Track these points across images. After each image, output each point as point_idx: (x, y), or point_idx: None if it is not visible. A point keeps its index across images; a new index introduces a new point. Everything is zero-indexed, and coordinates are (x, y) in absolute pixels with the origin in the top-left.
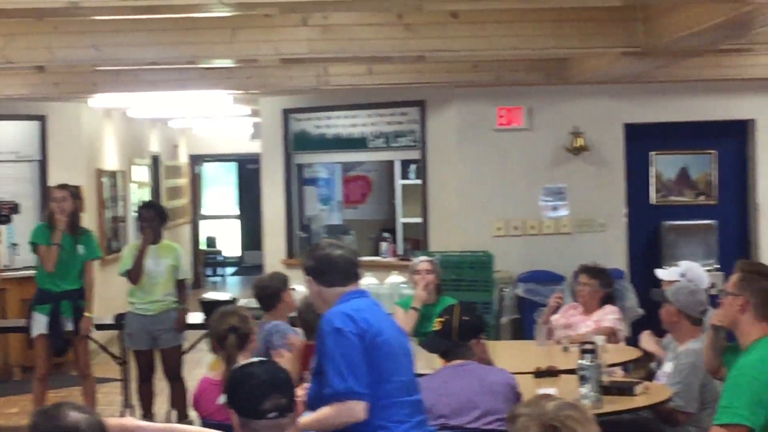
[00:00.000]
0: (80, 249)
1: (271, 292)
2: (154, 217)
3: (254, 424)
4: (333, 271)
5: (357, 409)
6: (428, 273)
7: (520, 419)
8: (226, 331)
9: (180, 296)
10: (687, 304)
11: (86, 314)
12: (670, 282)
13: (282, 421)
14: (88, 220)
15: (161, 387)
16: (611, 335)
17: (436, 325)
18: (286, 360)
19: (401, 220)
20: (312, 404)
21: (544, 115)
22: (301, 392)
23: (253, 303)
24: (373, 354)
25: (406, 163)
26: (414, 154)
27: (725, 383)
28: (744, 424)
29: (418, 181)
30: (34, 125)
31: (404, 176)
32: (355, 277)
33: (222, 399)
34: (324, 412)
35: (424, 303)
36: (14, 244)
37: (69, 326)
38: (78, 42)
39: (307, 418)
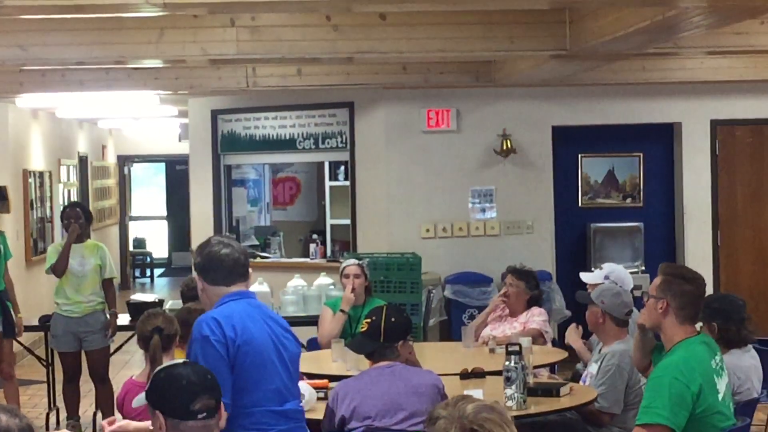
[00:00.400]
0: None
1: (197, 294)
2: (79, 216)
3: (183, 426)
4: (218, 269)
5: None
6: (356, 277)
7: (439, 422)
8: (151, 332)
9: (107, 296)
10: (612, 306)
11: (18, 315)
12: (595, 285)
13: (210, 422)
14: (14, 220)
15: (87, 389)
16: (538, 337)
17: (363, 326)
18: None
19: (330, 221)
20: None
21: (473, 117)
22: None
23: (180, 304)
24: (239, 361)
25: (335, 165)
26: (343, 156)
27: (647, 384)
28: (664, 424)
29: (347, 183)
30: None
31: (333, 178)
32: (241, 278)
33: (140, 401)
34: None
35: (353, 305)
36: None
37: None
38: (3, 41)
39: None
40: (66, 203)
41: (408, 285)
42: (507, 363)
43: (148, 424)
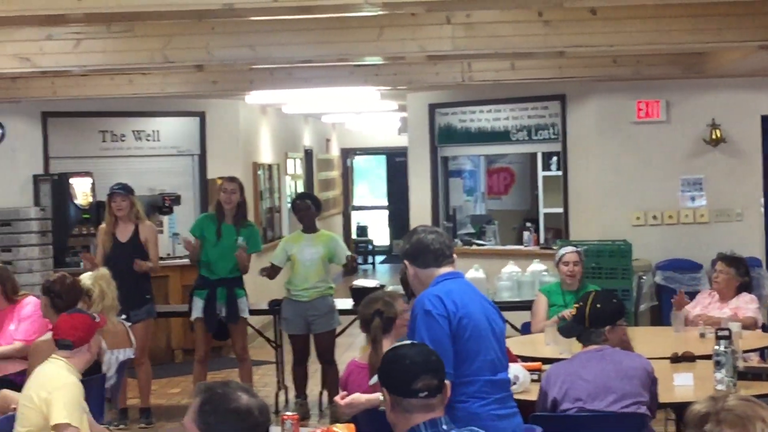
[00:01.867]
0: (240, 241)
1: None
2: (308, 207)
3: (405, 403)
4: (426, 253)
5: None
6: (575, 264)
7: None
8: (372, 315)
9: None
10: None
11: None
12: None
13: (431, 401)
14: None
15: (313, 369)
16: (752, 326)
17: (572, 311)
18: None
19: (543, 210)
20: None
21: (682, 107)
22: None
23: (400, 289)
24: (459, 334)
25: (547, 155)
26: (555, 147)
27: None
28: None
29: (559, 173)
30: (193, 121)
31: (546, 168)
32: (448, 259)
33: (373, 380)
34: None
35: (569, 290)
36: (176, 234)
37: (222, 312)
38: (234, 42)
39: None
40: (294, 194)
41: (619, 271)
42: (716, 347)
43: (377, 395)
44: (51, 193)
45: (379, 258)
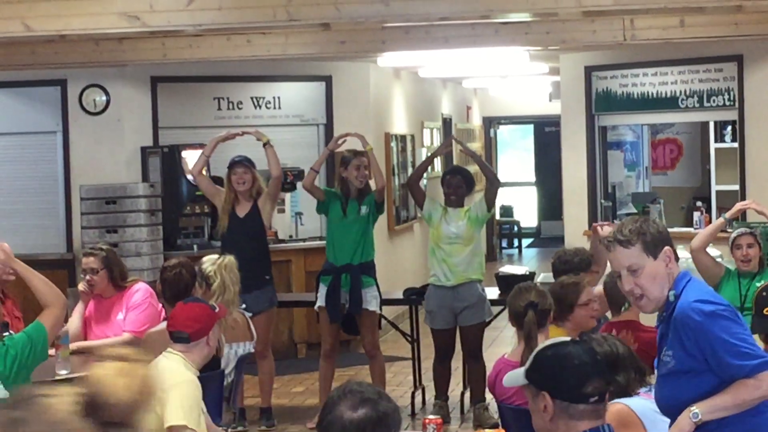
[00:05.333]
0: (363, 210)
1: (572, 269)
2: (460, 184)
3: (573, 409)
4: (669, 242)
5: None
6: (749, 247)
7: None
8: (525, 307)
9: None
10: None
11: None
12: None
13: (600, 407)
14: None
15: (454, 366)
16: None
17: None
18: None
19: (715, 187)
20: (668, 408)
21: None
22: None
23: (552, 278)
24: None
25: (721, 125)
26: (730, 115)
27: None
28: None
29: (735, 145)
30: (319, 86)
31: (719, 139)
32: None
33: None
34: (736, 393)
35: (745, 273)
36: (299, 213)
37: (346, 301)
38: None
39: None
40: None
41: None
42: None
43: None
44: (161, 168)
45: (526, 241)
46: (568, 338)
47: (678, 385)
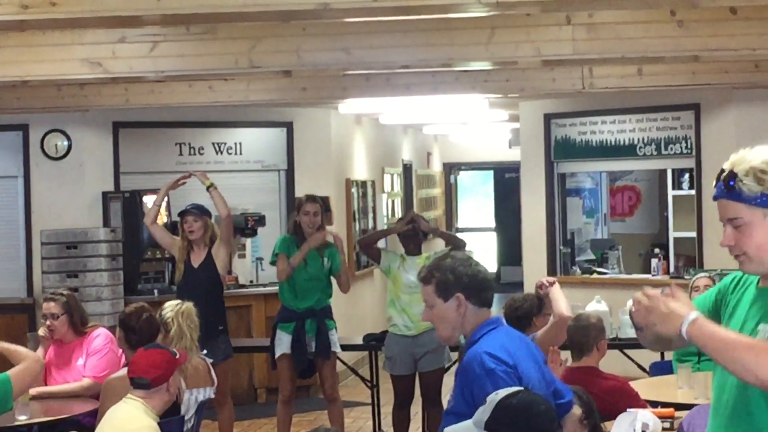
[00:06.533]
0: (325, 263)
1: (521, 314)
2: (416, 233)
3: None
4: (487, 290)
5: None
6: (707, 288)
7: None
8: None
9: None
10: None
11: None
12: None
13: None
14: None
15: (413, 412)
16: None
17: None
18: None
19: (673, 234)
20: None
21: None
22: None
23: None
24: None
25: (679, 172)
26: (688, 163)
27: None
28: None
29: (692, 192)
30: (280, 132)
31: (677, 186)
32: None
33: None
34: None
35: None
36: (259, 259)
37: (312, 347)
38: (327, 45)
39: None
40: (391, 213)
41: None
42: None
43: None
44: (122, 213)
45: None
46: (520, 387)
47: (449, 425)
